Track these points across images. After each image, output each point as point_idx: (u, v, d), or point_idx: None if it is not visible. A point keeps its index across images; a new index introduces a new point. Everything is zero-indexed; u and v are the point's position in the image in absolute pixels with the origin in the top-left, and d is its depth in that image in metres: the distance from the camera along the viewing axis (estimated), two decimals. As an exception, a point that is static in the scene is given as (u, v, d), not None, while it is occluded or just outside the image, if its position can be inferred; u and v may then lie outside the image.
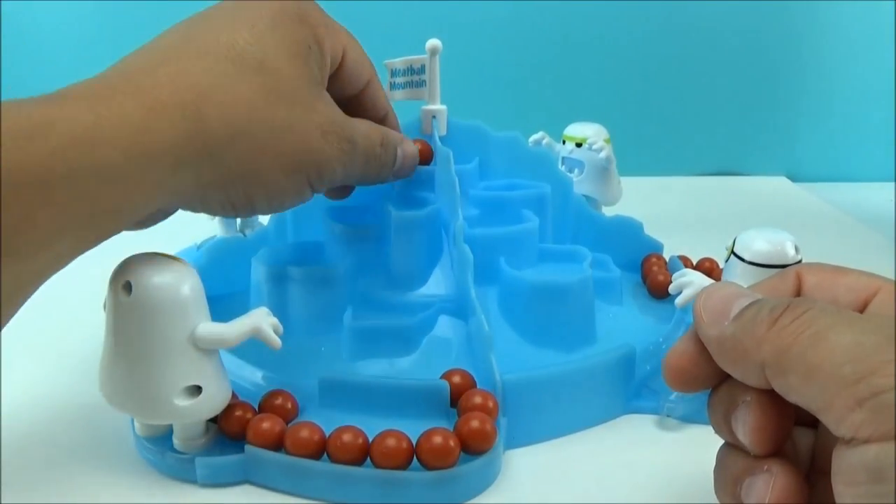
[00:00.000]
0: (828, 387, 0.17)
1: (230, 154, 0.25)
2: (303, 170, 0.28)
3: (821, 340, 0.18)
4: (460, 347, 0.34)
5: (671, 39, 0.75)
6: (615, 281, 0.39)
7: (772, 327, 0.19)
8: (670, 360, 0.22)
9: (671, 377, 0.22)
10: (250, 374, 0.33)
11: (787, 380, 0.18)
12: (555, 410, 0.31)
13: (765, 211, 0.68)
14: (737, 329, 0.20)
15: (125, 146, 0.22)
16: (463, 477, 0.27)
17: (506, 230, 0.37)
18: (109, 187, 0.22)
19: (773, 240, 0.31)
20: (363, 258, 0.36)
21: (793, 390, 0.18)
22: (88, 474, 0.29)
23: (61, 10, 0.69)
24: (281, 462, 0.27)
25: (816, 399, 0.17)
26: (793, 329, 0.18)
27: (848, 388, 0.17)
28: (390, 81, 0.39)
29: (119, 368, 0.26)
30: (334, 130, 0.28)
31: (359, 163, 0.30)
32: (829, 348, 0.17)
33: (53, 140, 0.20)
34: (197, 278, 0.26)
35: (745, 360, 0.19)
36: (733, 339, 0.20)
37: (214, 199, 0.26)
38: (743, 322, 0.20)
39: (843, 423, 0.17)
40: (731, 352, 0.20)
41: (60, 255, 0.22)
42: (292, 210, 0.40)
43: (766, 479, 0.20)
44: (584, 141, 0.50)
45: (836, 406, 0.17)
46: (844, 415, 0.17)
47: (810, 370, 0.17)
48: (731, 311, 0.20)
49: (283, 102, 0.26)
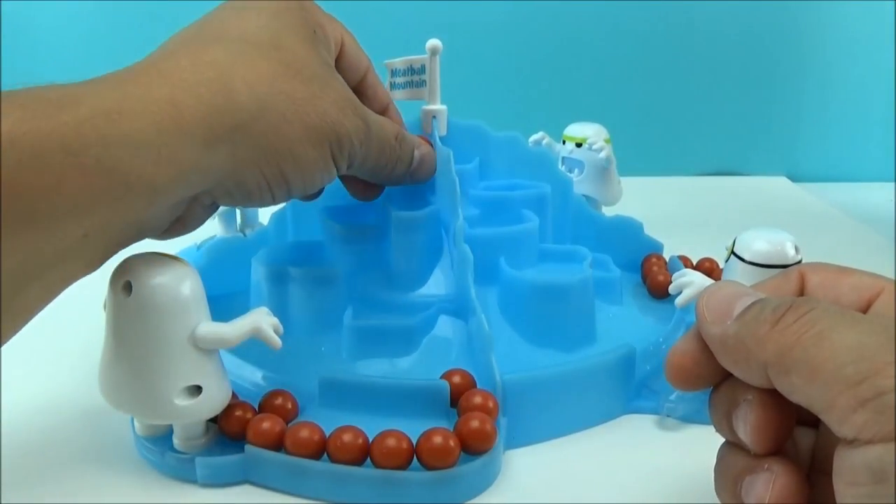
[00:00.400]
0: (830, 387, 0.17)
1: (260, 127, 0.25)
2: (325, 141, 0.27)
3: (823, 340, 0.17)
4: (460, 347, 0.34)
5: (671, 39, 0.75)
6: (615, 281, 0.39)
7: (774, 327, 0.19)
8: (672, 358, 0.22)
9: (673, 376, 0.22)
10: (250, 374, 0.33)
11: (789, 380, 0.18)
12: (555, 410, 0.31)
13: (765, 211, 0.68)
14: (739, 328, 0.20)
15: (155, 119, 0.22)
16: (463, 477, 0.27)
17: (506, 230, 0.37)
18: (141, 159, 0.21)
19: (773, 240, 0.31)
20: (363, 258, 0.36)
21: (795, 390, 0.18)
22: (88, 474, 0.29)
23: (61, 9, 0.69)
24: (281, 462, 0.27)
25: (819, 399, 0.17)
26: (795, 329, 0.18)
27: (850, 389, 0.17)
28: (390, 81, 0.39)
29: (119, 368, 0.26)
30: (350, 106, 0.29)
31: (374, 147, 0.31)
32: (831, 348, 0.17)
33: (84, 110, 0.20)
34: (197, 278, 0.26)
35: (748, 359, 0.19)
36: (736, 338, 0.20)
37: (251, 178, 0.26)
38: (746, 321, 0.20)
39: (846, 424, 0.17)
40: (733, 351, 0.20)
41: (88, 234, 0.21)
42: (292, 210, 0.40)
43: (766, 478, 0.20)
44: (584, 141, 0.50)
45: (838, 406, 0.17)
46: (847, 415, 0.17)
47: (813, 370, 0.17)
48: (733, 310, 0.20)
49: (301, 77, 0.26)
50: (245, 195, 0.27)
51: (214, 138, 0.23)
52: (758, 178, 0.79)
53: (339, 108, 0.28)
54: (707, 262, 0.44)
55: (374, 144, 0.31)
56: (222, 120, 0.24)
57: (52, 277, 0.22)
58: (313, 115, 0.27)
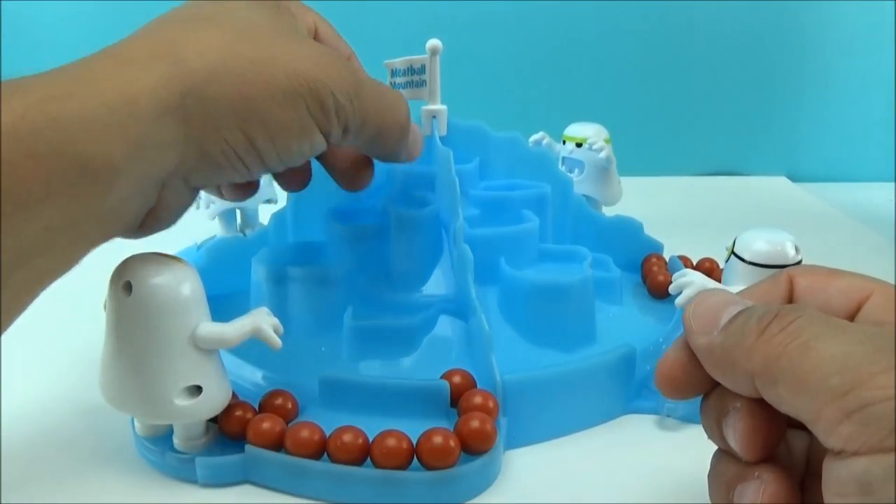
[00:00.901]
0: (816, 398, 0.17)
1: (213, 90, 0.23)
2: (299, 102, 0.25)
3: (809, 351, 0.17)
4: (460, 347, 0.34)
5: (671, 39, 0.75)
6: (615, 281, 0.39)
7: (760, 336, 0.18)
8: (661, 368, 0.22)
9: (663, 385, 0.22)
10: (250, 374, 0.33)
11: (776, 391, 0.18)
12: (555, 410, 0.31)
13: (765, 211, 0.68)
14: (726, 339, 0.20)
15: (105, 98, 0.21)
16: (463, 477, 0.27)
17: (506, 230, 0.37)
18: (93, 138, 0.20)
19: (773, 240, 0.31)
20: (363, 258, 0.36)
21: (782, 401, 0.18)
22: (88, 474, 0.29)
23: (61, 9, 0.69)
24: (281, 462, 0.27)
25: (805, 410, 0.17)
26: (781, 339, 0.18)
27: (836, 401, 0.16)
28: (390, 81, 0.39)
29: (119, 368, 0.26)
30: (333, 62, 0.26)
31: (371, 106, 0.27)
32: (817, 359, 0.17)
33: (32, 96, 0.20)
34: (197, 278, 0.26)
35: (735, 370, 0.19)
36: (722, 348, 0.20)
37: (214, 147, 0.24)
38: (732, 331, 0.20)
39: (832, 436, 0.17)
40: (720, 362, 0.20)
41: (50, 227, 0.20)
42: (292, 210, 0.40)
43: (756, 486, 0.20)
44: (585, 141, 0.50)
45: (824, 418, 0.17)
46: (833, 427, 0.16)
47: (798, 381, 0.17)
48: (720, 319, 0.20)
49: (260, 40, 0.25)
50: (215, 169, 0.25)
51: (164, 107, 0.22)
52: (758, 178, 0.79)
53: (314, 64, 0.25)
54: (707, 262, 0.44)
55: (372, 104, 0.27)
56: (171, 87, 0.22)
57: (17, 280, 0.20)
58: (280, 75, 0.24)
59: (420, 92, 0.39)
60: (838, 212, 0.66)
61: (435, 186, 0.39)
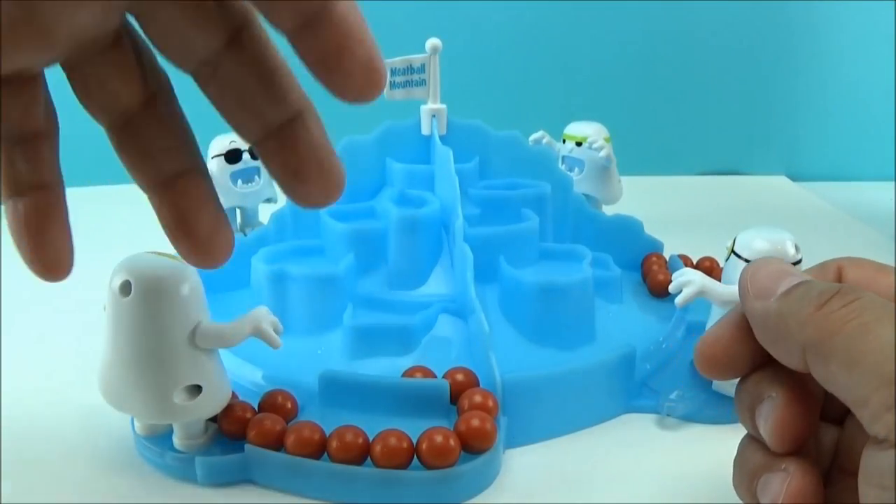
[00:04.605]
0: (867, 381, 0.16)
1: None
2: None
3: (867, 333, 0.17)
4: (460, 347, 0.34)
5: (671, 39, 0.75)
6: (615, 280, 0.39)
7: (819, 310, 0.18)
8: (703, 345, 0.22)
9: (703, 362, 0.22)
10: (250, 374, 0.33)
11: (827, 367, 0.18)
12: (555, 410, 0.31)
13: (765, 211, 0.68)
14: (783, 306, 0.19)
15: None
16: (463, 476, 0.27)
17: (506, 229, 0.37)
18: None
19: (773, 239, 0.31)
20: (363, 258, 0.36)
21: (831, 379, 0.17)
22: (88, 474, 0.29)
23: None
24: (281, 461, 0.27)
25: (854, 392, 0.17)
26: (840, 315, 0.18)
27: (887, 387, 0.16)
28: (390, 81, 0.39)
29: (119, 368, 0.26)
30: None
31: None
32: (874, 342, 0.17)
33: None
34: (197, 278, 0.26)
35: (787, 339, 0.19)
36: (778, 316, 0.19)
37: None
38: (790, 300, 0.19)
39: (878, 422, 0.16)
40: (773, 330, 0.19)
41: None
42: (292, 210, 0.40)
43: (781, 478, 0.20)
44: (585, 140, 0.50)
45: (872, 403, 0.16)
46: (880, 413, 0.16)
47: (852, 361, 0.17)
48: (778, 287, 0.20)
49: None
50: None
51: None
52: (758, 177, 0.79)
53: None
54: (707, 261, 0.44)
55: None
56: None
57: None
58: None
59: (420, 91, 0.39)
60: (838, 211, 0.66)
61: (435, 186, 0.39)
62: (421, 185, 0.39)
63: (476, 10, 0.72)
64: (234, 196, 0.49)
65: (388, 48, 0.41)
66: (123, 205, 0.67)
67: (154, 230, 0.27)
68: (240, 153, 0.48)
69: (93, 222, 0.60)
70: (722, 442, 0.22)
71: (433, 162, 0.40)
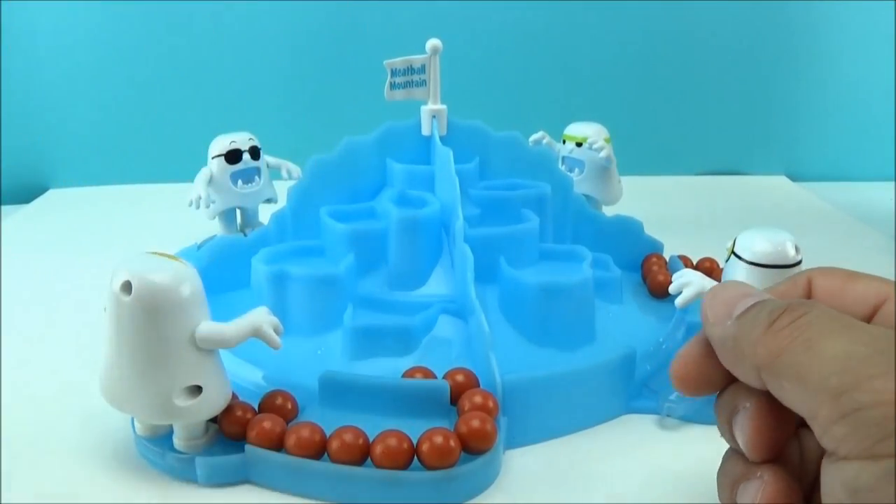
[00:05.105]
0: (815, 396, 0.17)
1: None
2: None
3: (812, 347, 0.17)
4: (460, 347, 0.34)
5: (671, 39, 0.75)
6: (615, 280, 0.39)
7: (768, 329, 0.18)
8: (676, 364, 0.22)
9: (677, 381, 0.22)
10: (250, 375, 0.33)
11: (779, 385, 0.18)
12: (555, 410, 0.31)
13: (765, 211, 0.68)
14: (738, 329, 0.20)
15: None
16: (463, 477, 0.27)
17: (506, 230, 0.37)
18: None
19: (773, 240, 0.31)
20: (363, 258, 0.36)
21: (785, 395, 0.18)
22: (88, 474, 0.29)
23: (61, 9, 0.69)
24: (281, 462, 0.27)
25: (805, 408, 0.17)
26: (787, 333, 0.18)
27: (833, 401, 0.16)
28: (390, 81, 0.39)
29: (119, 369, 0.26)
30: None
31: None
32: (818, 356, 0.17)
33: None
34: (197, 278, 0.26)
35: (743, 361, 0.19)
36: (733, 339, 0.20)
37: None
38: (743, 323, 0.19)
39: (826, 436, 0.16)
40: (731, 352, 0.20)
41: None
42: (292, 210, 0.40)
43: (756, 485, 0.20)
44: (585, 140, 0.50)
45: (820, 417, 0.16)
46: (828, 427, 0.16)
47: (800, 377, 0.17)
48: (735, 310, 0.20)
49: None
50: None
51: None
52: (758, 177, 0.79)
53: None
54: (707, 261, 0.44)
55: None
56: None
57: None
58: None
59: (420, 91, 0.39)
60: (838, 211, 0.66)
61: (435, 186, 0.39)
62: (421, 185, 0.39)
63: (476, 10, 0.72)
64: (234, 196, 0.49)
65: (388, 48, 0.42)
66: (124, 205, 0.67)
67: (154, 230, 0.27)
68: (240, 153, 0.48)
69: (93, 222, 0.60)
70: (721, 443, 0.22)
71: (433, 162, 0.40)
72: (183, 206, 0.47)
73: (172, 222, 0.57)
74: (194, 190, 0.47)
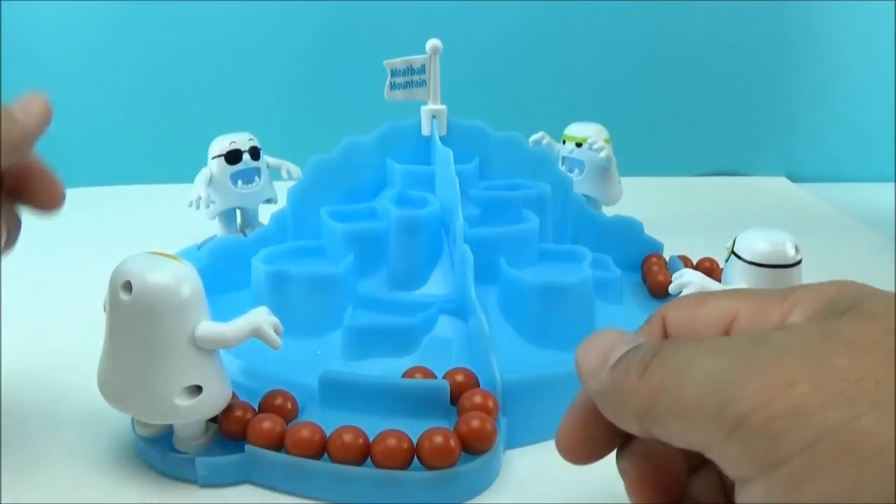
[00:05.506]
0: (699, 426, 0.15)
1: None
2: None
3: (681, 378, 0.16)
4: (460, 347, 0.34)
5: (671, 39, 0.75)
6: (615, 281, 0.39)
7: (642, 376, 0.17)
8: (560, 439, 0.21)
9: (566, 456, 0.21)
10: (250, 375, 0.33)
11: (665, 429, 0.17)
12: (555, 410, 0.31)
13: (765, 211, 0.68)
14: (613, 381, 0.18)
15: None
16: (463, 477, 0.27)
17: (506, 230, 0.37)
18: None
19: (773, 240, 0.31)
20: (363, 258, 0.36)
21: (673, 437, 0.17)
22: (88, 474, 0.29)
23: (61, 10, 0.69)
24: (281, 462, 0.27)
25: (696, 443, 0.16)
26: (658, 376, 0.17)
27: (715, 421, 0.15)
28: (390, 81, 0.39)
29: (119, 368, 0.26)
30: None
31: None
32: (689, 384, 0.16)
33: None
34: (197, 278, 0.26)
35: (624, 412, 0.18)
36: (611, 392, 0.18)
37: None
38: (616, 374, 0.18)
39: (725, 462, 0.15)
40: (611, 404, 0.18)
41: None
42: (292, 210, 0.40)
43: None
44: (585, 141, 0.50)
45: (712, 445, 0.15)
46: (722, 452, 0.15)
47: (680, 413, 0.16)
48: (609, 360, 0.19)
49: None
50: None
51: None
52: (758, 178, 0.79)
53: None
54: (707, 261, 0.44)
55: None
56: None
57: None
58: None
59: (420, 92, 0.39)
60: (838, 212, 0.66)
61: (435, 186, 0.39)
62: (421, 185, 0.39)
63: (476, 11, 0.72)
64: (234, 197, 0.49)
65: (388, 49, 0.42)
66: (123, 205, 0.67)
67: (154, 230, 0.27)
68: (240, 154, 0.48)
69: (93, 222, 0.60)
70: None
71: (433, 162, 0.40)
72: (183, 207, 0.47)
73: (172, 222, 0.57)
74: (194, 190, 0.47)
